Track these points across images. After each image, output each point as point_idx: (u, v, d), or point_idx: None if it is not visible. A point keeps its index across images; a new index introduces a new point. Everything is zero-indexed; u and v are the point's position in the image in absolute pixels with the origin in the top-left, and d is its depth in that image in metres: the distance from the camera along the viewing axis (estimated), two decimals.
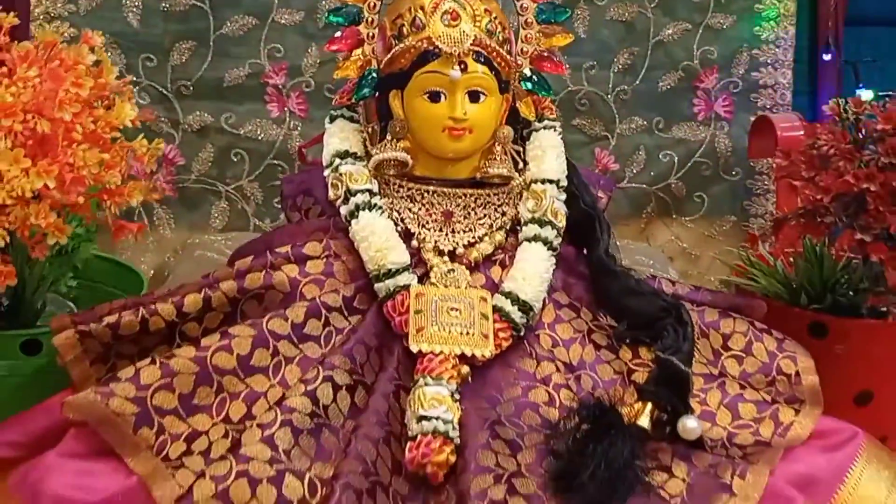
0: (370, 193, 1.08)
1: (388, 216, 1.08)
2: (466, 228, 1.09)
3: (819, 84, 1.77)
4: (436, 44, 1.04)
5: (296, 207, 1.15)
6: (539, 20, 1.13)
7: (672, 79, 1.72)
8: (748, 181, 1.74)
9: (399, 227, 1.08)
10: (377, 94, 1.11)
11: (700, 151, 1.73)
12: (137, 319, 0.99)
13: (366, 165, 1.10)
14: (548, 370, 1.03)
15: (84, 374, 0.99)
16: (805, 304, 1.28)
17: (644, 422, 0.98)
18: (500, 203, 1.11)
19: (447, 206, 1.10)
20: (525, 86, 1.12)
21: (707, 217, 1.74)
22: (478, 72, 1.06)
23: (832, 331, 1.23)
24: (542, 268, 1.07)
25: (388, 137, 1.10)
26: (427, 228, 1.09)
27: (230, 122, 1.63)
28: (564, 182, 1.12)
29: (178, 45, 1.61)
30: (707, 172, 1.73)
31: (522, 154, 1.14)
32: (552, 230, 1.09)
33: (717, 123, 1.73)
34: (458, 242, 1.08)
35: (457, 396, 0.97)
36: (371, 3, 1.10)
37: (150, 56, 1.60)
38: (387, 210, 1.08)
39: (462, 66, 1.05)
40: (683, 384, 0.99)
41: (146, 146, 1.06)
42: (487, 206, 1.11)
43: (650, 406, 0.98)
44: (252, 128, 1.64)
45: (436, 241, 1.08)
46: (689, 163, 1.73)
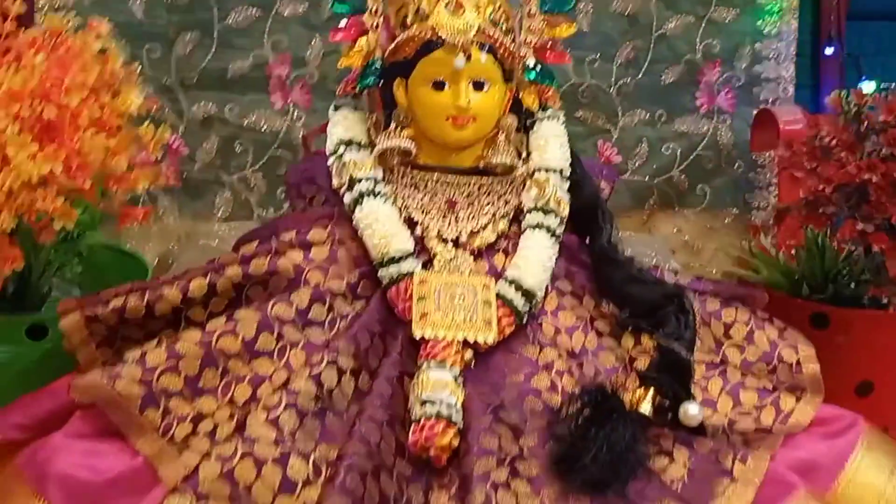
0: (374, 181, 1.08)
1: (392, 204, 1.08)
2: (470, 217, 1.10)
3: (821, 78, 1.78)
4: (440, 33, 1.04)
5: (300, 195, 1.15)
6: (543, 10, 1.13)
7: (675, 72, 1.71)
8: (750, 174, 1.74)
9: (403, 215, 1.08)
10: (381, 84, 1.11)
11: (702, 144, 1.73)
12: (143, 303, 0.99)
13: (370, 154, 1.10)
14: (550, 357, 1.03)
15: (90, 358, 1.00)
16: (807, 295, 1.28)
17: (646, 408, 0.98)
18: (504, 192, 1.11)
19: (451, 195, 1.10)
20: (529, 75, 1.12)
21: (709, 210, 1.74)
22: (481, 61, 1.06)
23: (833, 321, 1.24)
24: (545, 256, 1.07)
25: (392, 126, 1.10)
26: (430, 216, 1.09)
27: (234, 113, 1.64)
28: (567, 171, 1.12)
29: (183, 36, 1.61)
30: (709, 165, 1.73)
31: (526, 143, 1.14)
32: (555, 218, 1.09)
33: (720, 117, 1.73)
34: (462, 230, 1.09)
35: (460, 381, 0.98)
36: None
37: (155, 47, 1.60)
38: (391, 198, 1.08)
39: (466, 56, 1.05)
40: (685, 371, 1.00)
41: (152, 133, 1.07)
42: (491, 195, 1.11)
43: (652, 392, 0.99)
44: (255, 118, 1.64)
45: (439, 229, 1.08)
46: (692, 156, 1.73)
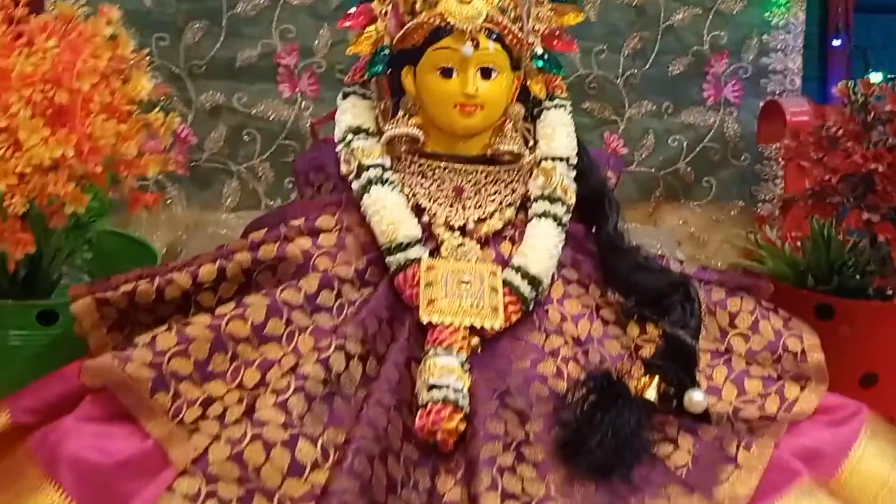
0: (382, 168, 1.08)
1: (400, 191, 1.08)
2: (477, 204, 1.10)
3: (828, 70, 1.78)
4: (448, 20, 1.05)
5: (308, 183, 1.16)
6: None
7: (682, 63, 1.71)
8: (756, 166, 1.74)
9: (410, 203, 1.08)
10: (389, 71, 1.11)
11: (709, 136, 1.73)
12: (153, 288, 1.00)
13: (378, 141, 1.10)
14: (556, 343, 1.04)
15: (101, 342, 1.01)
16: (812, 286, 1.29)
17: (651, 395, 0.99)
18: (511, 180, 1.12)
19: (458, 182, 1.10)
20: (536, 64, 1.13)
21: (715, 202, 1.74)
22: (490, 49, 1.06)
23: (838, 312, 1.24)
24: (552, 243, 1.07)
25: (400, 114, 1.10)
26: (438, 204, 1.09)
27: (242, 102, 1.64)
28: (574, 160, 1.13)
29: (191, 25, 1.61)
30: (716, 157, 1.73)
31: (533, 132, 1.14)
32: (561, 207, 1.09)
33: (727, 108, 1.73)
34: (469, 218, 1.09)
35: (467, 367, 0.98)
36: None
37: (163, 35, 1.61)
38: (398, 185, 1.09)
39: (474, 43, 1.05)
40: (690, 358, 1.00)
41: (162, 119, 1.08)
42: (498, 183, 1.11)
43: (657, 379, 1.00)
44: (263, 108, 1.65)
45: (446, 217, 1.09)
46: (698, 147, 1.73)
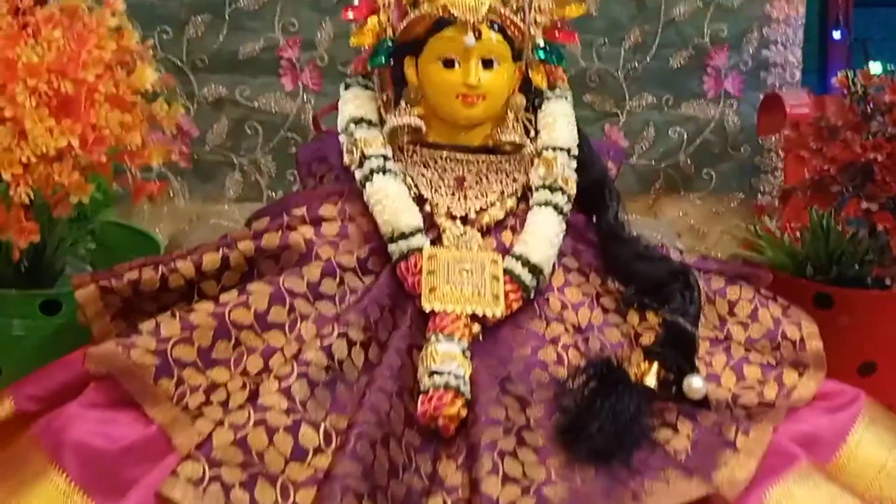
0: (384, 158, 1.09)
1: (402, 181, 1.09)
2: (478, 194, 1.11)
3: (828, 63, 1.78)
4: (451, 11, 1.05)
5: (311, 174, 1.17)
6: None
7: (683, 56, 1.72)
8: (756, 158, 1.74)
9: (412, 193, 1.09)
10: (392, 62, 1.12)
11: (709, 129, 1.73)
12: (157, 276, 1.01)
13: (380, 131, 1.11)
14: (557, 331, 1.05)
15: (104, 330, 1.01)
16: (811, 276, 1.29)
17: (650, 381, 0.99)
18: (512, 170, 1.12)
19: (460, 172, 1.11)
20: (538, 55, 1.13)
21: (715, 194, 1.75)
22: (492, 39, 1.06)
23: (837, 302, 1.25)
24: (552, 232, 1.08)
25: (403, 104, 1.11)
26: (440, 194, 1.10)
27: (245, 95, 1.65)
28: (575, 150, 1.13)
29: (194, 18, 1.62)
30: (716, 150, 1.74)
31: (534, 122, 1.15)
32: (562, 196, 1.10)
33: (727, 101, 1.73)
34: (470, 208, 1.10)
35: (468, 354, 0.99)
36: None
37: (166, 29, 1.62)
38: (400, 175, 1.10)
39: (476, 34, 1.05)
40: (689, 344, 1.01)
41: (166, 109, 1.08)
42: (499, 173, 1.12)
43: (657, 366, 1.00)
44: (266, 101, 1.65)
45: (448, 206, 1.09)
46: (698, 140, 1.73)
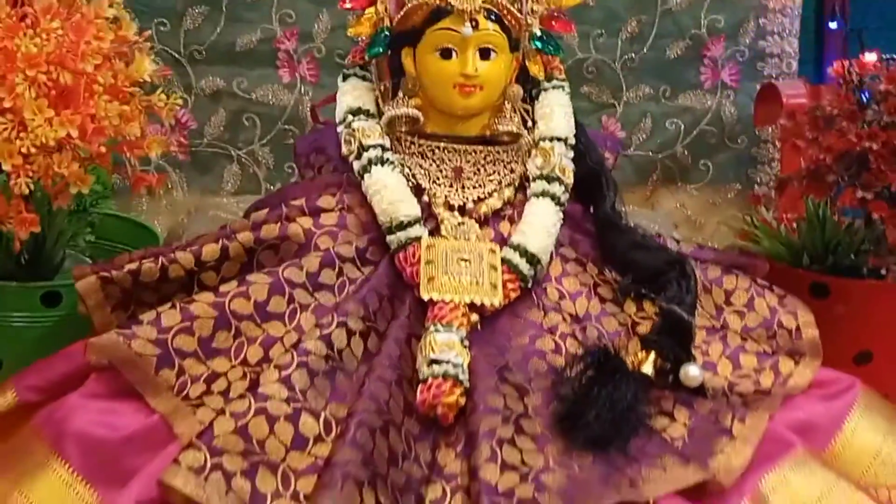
0: (382, 149, 1.09)
1: (400, 172, 1.09)
2: (476, 184, 1.11)
3: (825, 53, 1.78)
4: (448, 1, 1.06)
5: (309, 165, 1.17)
6: None
7: (679, 47, 1.72)
8: (753, 149, 1.74)
9: (410, 183, 1.09)
10: (389, 52, 1.13)
11: (706, 120, 1.74)
12: (157, 267, 1.01)
13: (378, 122, 1.11)
14: (554, 320, 1.05)
15: (105, 321, 1.02)
16: (807, 265, 1.30)
17: (647, 369, 1.00)
18: (509, 160, 1.13)
19: (457, 163, 1.11)
20: (535, 45, 1.13)
21: (712, 185, 1.75)
22: (489, 29, 1.07)
23: (833, 291, 1.25)
24: (550, 222, 1.08)
25: (400, 95, 1.12)
26: (437, 184, 1.11)
27: (242, 87, 1.65)
28: (572, 140, 1.14)
29: (191, 10, 1.62)
30: (713, 140, 1.74)
31: (531, 113, 1.15)
32: (560, 186, 1.10)
33: (724, 92, 1.73)
34: (468, 198, 1.10)
35: (466, 343, 1.00)
36: None
37: (164, 21, 1.61)
38: (398, 165, 1.10)
39: (473, 24, 1.06)
40: (686, 333, 1.02)
41: (164, 100, 1.09)
42: (497, 163, 1.12)
43: (653, 354, 1.01)
44: (264, 93, 1.66)
45: (446, 197, 1.10)
46: (695, 131, 1.74)
